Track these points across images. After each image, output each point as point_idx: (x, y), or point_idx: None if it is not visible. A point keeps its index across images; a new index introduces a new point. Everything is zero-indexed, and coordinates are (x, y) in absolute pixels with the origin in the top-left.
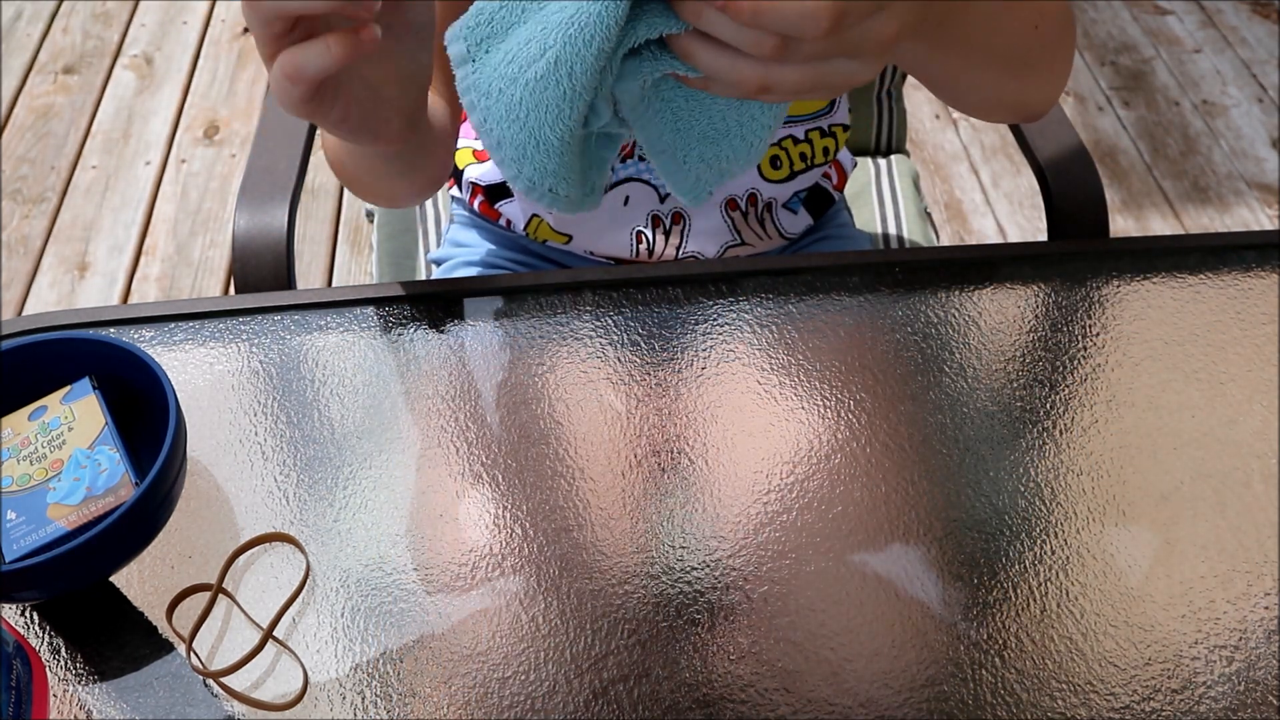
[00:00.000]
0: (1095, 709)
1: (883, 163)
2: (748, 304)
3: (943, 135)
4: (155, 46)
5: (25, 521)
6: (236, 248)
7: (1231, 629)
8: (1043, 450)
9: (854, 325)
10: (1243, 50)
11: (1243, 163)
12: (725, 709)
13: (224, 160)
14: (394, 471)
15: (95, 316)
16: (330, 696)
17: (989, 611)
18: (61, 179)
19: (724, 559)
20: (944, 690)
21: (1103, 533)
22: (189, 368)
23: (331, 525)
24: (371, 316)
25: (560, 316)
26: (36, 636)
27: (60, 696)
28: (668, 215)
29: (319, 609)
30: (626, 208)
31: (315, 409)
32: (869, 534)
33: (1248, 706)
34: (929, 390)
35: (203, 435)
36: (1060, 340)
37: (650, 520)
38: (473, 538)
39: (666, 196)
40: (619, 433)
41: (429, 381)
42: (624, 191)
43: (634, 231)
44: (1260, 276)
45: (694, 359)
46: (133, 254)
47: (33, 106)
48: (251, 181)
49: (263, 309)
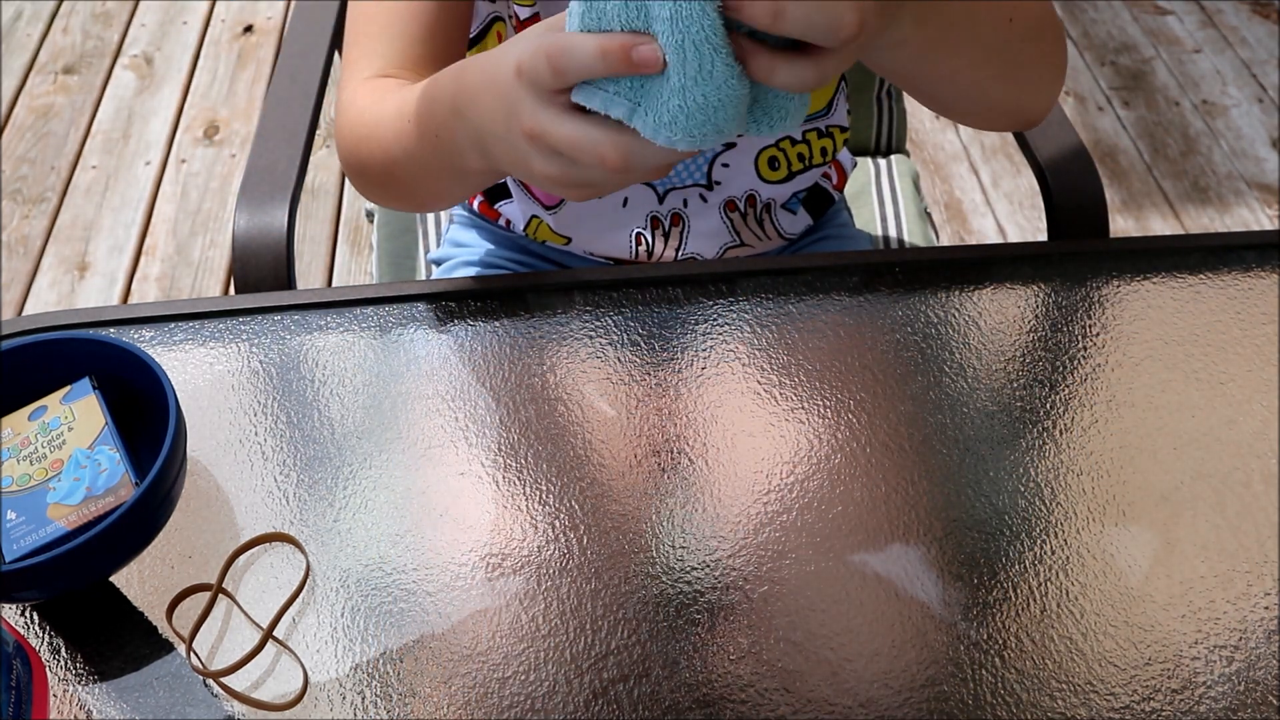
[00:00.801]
0: (1095, 709)
1: (883, 163)
2: (748, 304)
3: (943, 135)
4: (155, 46)
5: (25, 521)
6: (236, 248)
7: (1231, 629)
8: (1043, 450)
9: (854, 325)
10: (1243, 50)
11: (1243, 163)
12: (725, 709)
13: (224, 160)
14: (394, 471)
15: (95, 316)
16: (330, 696)
17: (989, 611)
18: (61, 179)
19: (724, 559)
20: (944, 690)
21: (1103, 533)
22: (189, 368)
23: (331, 525)
24: (371, 316)
25: (560, 317)
26: (36, 636)
27: (60, 696)
28: (667, 216)
29: (319, 609)
30: (625, 209)
31: (315, 409)
32: (869, 534)
33: (1248, 706)
34: (929, 390)
35: (203, 435)
36: (1060, 340)
37: (650, 520)
38: (473, 538)
39: (665, 197)
40: (619, 433)
41: (429, 381)
42: (623, 192)
43: (633, 233)
44: (1260, 276)
45: (694, 359)
46: (133, 254)
47: (33, 106)
48: (251, 181)
49: (263, 309)
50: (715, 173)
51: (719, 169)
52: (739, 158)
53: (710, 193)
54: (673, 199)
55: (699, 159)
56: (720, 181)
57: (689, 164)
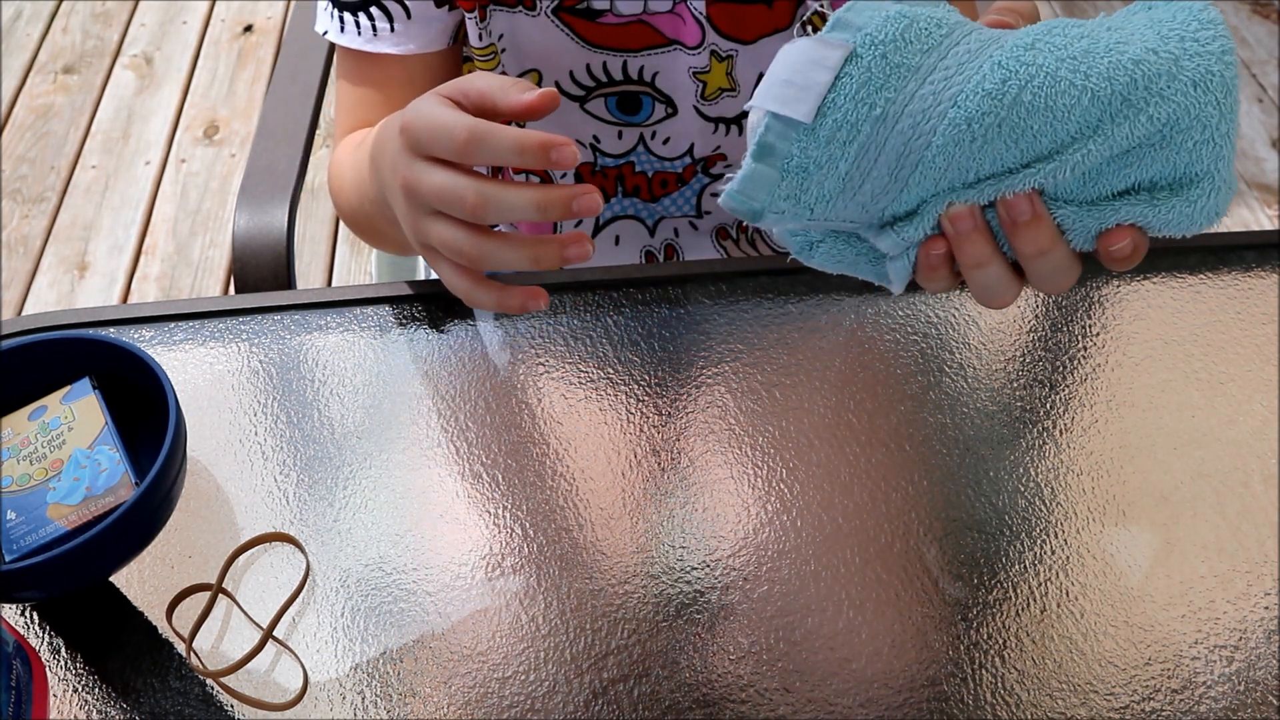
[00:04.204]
0: (1095, 709)
1: None
2: (748, 304)
3: None
4: (155, 46)
5: (25, 521)
6: (236, 248)
7: (1231, 629)
8: (1043, 450)
9: (854, 325)
10: (1243, 50)
11: (1243, 163)
12: (725, 709)
13: (224, 160)
14: (394, 471)
15: (95, 316)
16: (330, 696)
17: (989, 611)
18: (61, 179)
19: (724, 559)
20: (944, 690)
21: (1103, 533)
22: (189, 368)
23: (331, 525)
24: (371, 316)
25: (560, 316)
26: (36, 636)
27: (60, 696)
28: (660, 249)
29: (319, 609)
30: (618, 247)
31: (315, 409)
32: (869, 534)
33: (1248, 706)
34: (929, 390)
35: (203, 435)
36: (1060, 340)
37: (650, 520)
38: (473, 538)
39: (656, 228)
40: (619, 433)
41: (429, 381)
42: (614, 231)
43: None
44: (1260, 276)
45: (694, 359)
46: (132, 254)
47: (32, 106)
48: (251, 181)
49: (263, 309)
50: (704, 203)
51: (708, 199)
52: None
53: (701, 220)
54: (664, 230)
55: (685, 191)
56: (710, 211)
57: (678, 196)
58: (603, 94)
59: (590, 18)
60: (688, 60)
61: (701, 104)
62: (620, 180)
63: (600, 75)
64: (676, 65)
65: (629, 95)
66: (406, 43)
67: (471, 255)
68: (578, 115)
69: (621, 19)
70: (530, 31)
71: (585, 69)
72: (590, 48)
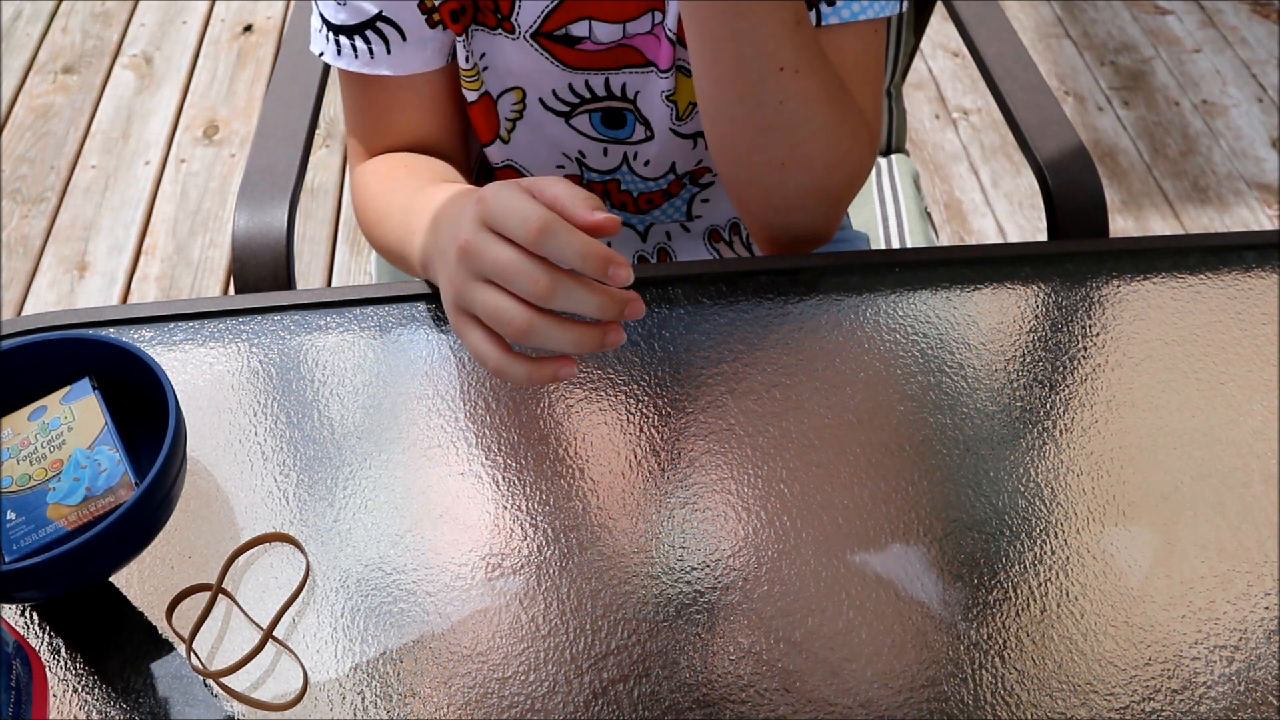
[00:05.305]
0: (1095, 709)
1: (883, 162)
2: (748, 304)
3: (942, 135)
4: (155, 46)
5: (25, 521)
6: (236, 248)
7: (1231, 629)
8: (1043, 450)
9: (854, 325)
10: (1243, 50)
11: (1243, 163)
12: (725, 709)
13: (223, 160)
14: (394, 471)
15: (95, 316)
16: (330, 696)
17: (989, 611)
18: (61, 179)
19: (724, 559)
20: (944, 690)
21: (1103, 533)
22: (189, 368)
23: (331, 525)
24: (371, 316)
25: None
26: (36, 636)
27: (60, 696)
28: (653, 253)
29: (319, 609)
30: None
31: (315, 409)
32: (869, 534)
33: (1248, 706)
34: (929, 390)
35: (203, 435)
36: (1060, 340)
37: (650, 520)
38: (473, 538)
39: (647, 234)
40: (619, 433)
41: (429, 381)
42: (604, 239)
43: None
44: (1260, 276)
45: (694, 359)
46: (132, 254)
47: (32, 106)
48: (251, 181)
49: (263, 309)
50: (695, 208)
51: (699, 204)
52: (717, 192)
53: (692, 223)
54: (655, 234)
55: (676, 201)
56: (700, 215)
57: (668, 206)
58: (587, 110)
59: (569, 44)
60: (660, 84)
61: (676, 125)
62: (607, 195)
63: (583, 92)
64: (651, 88)
65: (613, 111)
66: (405, 64)
67: (519, 327)
68: (563, 130)
69: (600, 45)
70: (510, 53)
71: (568, 87)
72: (570, 70)
